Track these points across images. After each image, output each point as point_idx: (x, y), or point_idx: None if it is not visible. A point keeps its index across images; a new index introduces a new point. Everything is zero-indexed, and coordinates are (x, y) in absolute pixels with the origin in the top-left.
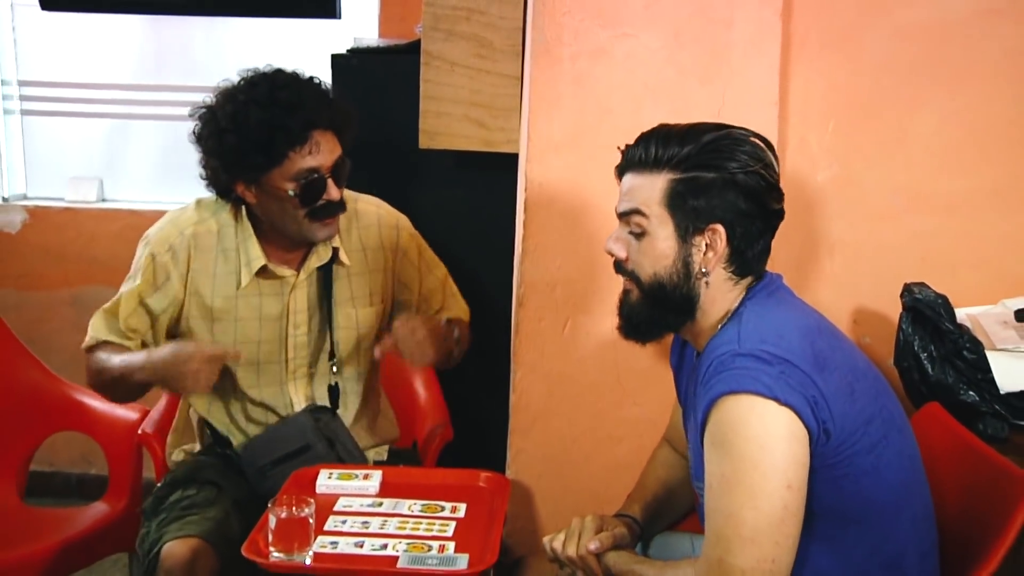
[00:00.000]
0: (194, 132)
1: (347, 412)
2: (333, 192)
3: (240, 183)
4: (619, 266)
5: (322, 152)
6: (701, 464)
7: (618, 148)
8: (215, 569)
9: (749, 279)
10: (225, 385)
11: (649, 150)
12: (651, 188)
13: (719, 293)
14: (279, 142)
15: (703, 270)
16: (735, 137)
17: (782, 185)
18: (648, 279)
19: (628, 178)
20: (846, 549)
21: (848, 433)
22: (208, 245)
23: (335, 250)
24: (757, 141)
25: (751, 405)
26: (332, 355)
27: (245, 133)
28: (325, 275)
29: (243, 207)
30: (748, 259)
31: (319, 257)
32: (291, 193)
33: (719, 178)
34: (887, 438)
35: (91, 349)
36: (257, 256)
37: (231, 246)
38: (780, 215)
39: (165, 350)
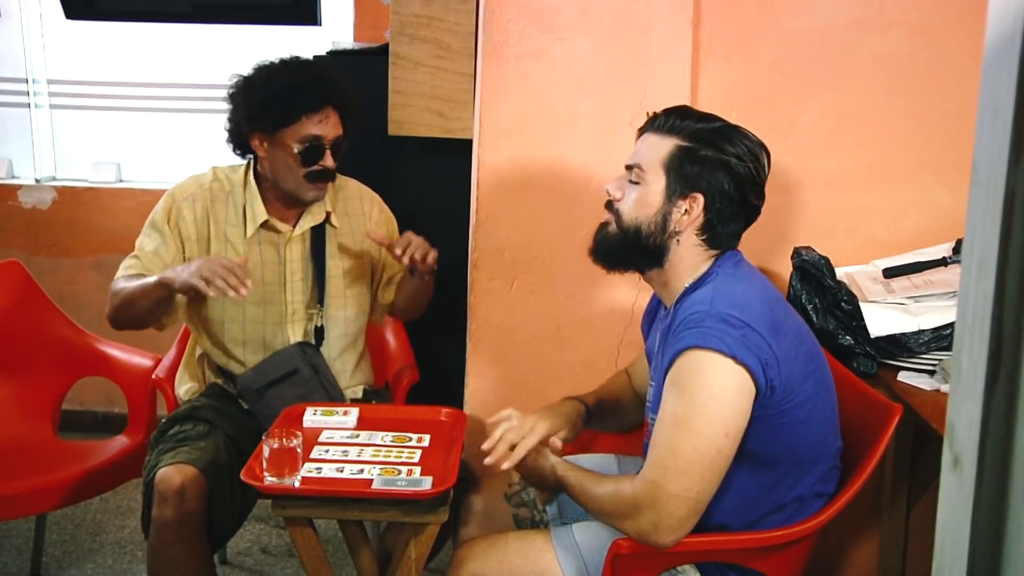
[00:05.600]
0: (229, 93)
1: (329, 349)
2: (328, 161)
3: (257, 135)
4: (609, 204)
5: (328, 126)
6: (659, 400)
7: (647, 113)
8: (203, 490)
9: (717, 251)
10: (234, 325)
11: (669, 118)
12: (659, 148)
13: (688, 255)
14: (298, 105)
15: (676, 229)
16: (743, 132)
17: None
18: (629, 220)
19: (644, 137)
20: (769, 482)
21: (789, 389)
22: (222, 198)
23: (328, 213)
24: (761, 144)
25: (712, 360)
26: (321, 301)
27: (273, 91)
28: (318, 233)
29: (251, 172)
30: (719, 234)
31: (313, 218)
32: (296, 151)
33: (715, 156)
34: (817, 394)
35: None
36: (261, 212)
37: (240, 202)
38: (756, 210)
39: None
